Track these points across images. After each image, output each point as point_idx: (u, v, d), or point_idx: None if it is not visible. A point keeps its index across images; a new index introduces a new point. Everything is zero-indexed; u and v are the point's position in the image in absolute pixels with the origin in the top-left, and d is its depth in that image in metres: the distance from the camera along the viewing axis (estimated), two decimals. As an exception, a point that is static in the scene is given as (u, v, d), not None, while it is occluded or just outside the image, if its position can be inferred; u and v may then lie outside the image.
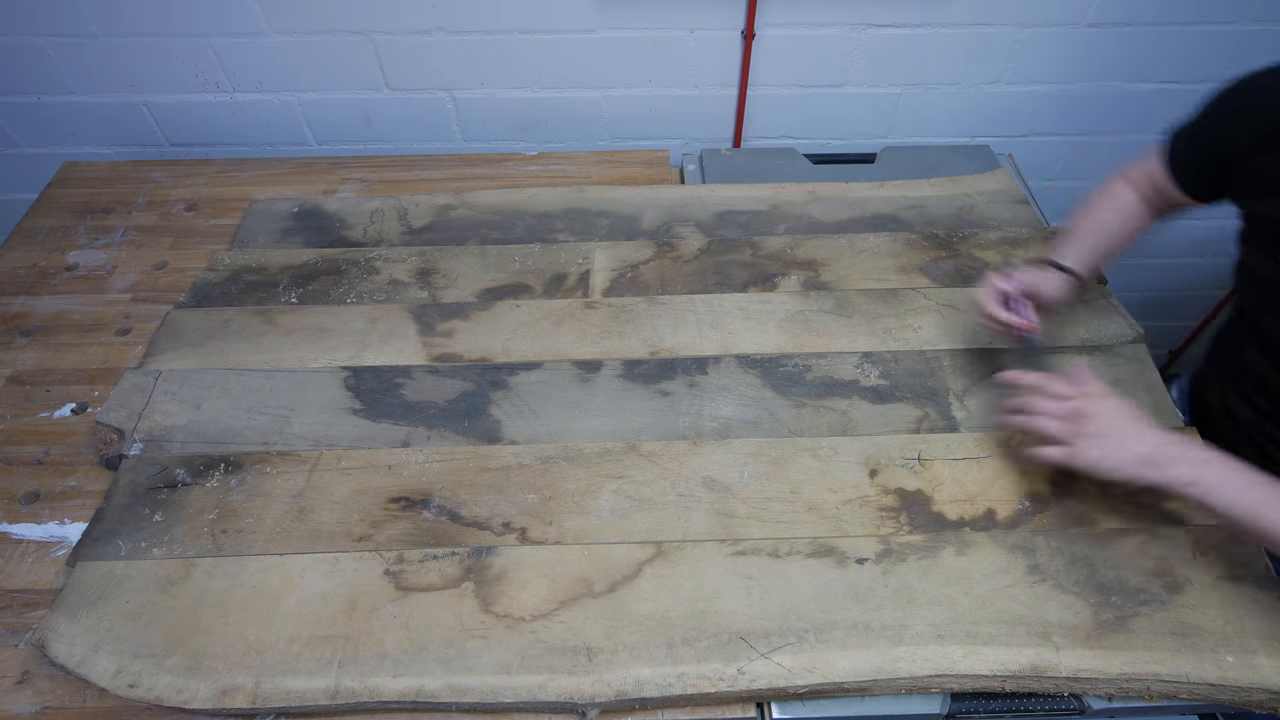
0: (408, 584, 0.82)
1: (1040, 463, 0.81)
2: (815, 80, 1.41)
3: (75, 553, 0.85)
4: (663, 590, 0.82)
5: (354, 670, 0.76)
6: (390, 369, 1.02)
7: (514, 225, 1.22)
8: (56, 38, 1.31)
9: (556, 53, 1.35)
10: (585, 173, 1.36)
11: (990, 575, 0.82)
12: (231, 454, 0.93)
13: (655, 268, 1.15)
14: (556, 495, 0.89)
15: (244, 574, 0.83)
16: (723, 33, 1.33)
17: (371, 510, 0.88)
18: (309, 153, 1.49)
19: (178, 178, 1.34)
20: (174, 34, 1.31)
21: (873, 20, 1.32)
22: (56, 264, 1.19)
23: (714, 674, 0.76)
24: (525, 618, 0.80)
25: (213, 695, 0.75)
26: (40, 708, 0.77)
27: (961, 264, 1.14)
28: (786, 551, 0.85)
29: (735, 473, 0.91)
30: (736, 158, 1.40)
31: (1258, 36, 1.35)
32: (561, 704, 0.75)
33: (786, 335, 1.06)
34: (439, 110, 1.43)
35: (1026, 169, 1.45)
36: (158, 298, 1.14)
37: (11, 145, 1.48)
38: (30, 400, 1.02)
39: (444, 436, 0.95)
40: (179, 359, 1.03)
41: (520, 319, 1.08)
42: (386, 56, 1.35)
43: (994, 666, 0.76)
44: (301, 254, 1.17)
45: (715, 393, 0.99)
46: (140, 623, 0.79)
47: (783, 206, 1.25)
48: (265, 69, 1.36)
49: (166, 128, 1.45)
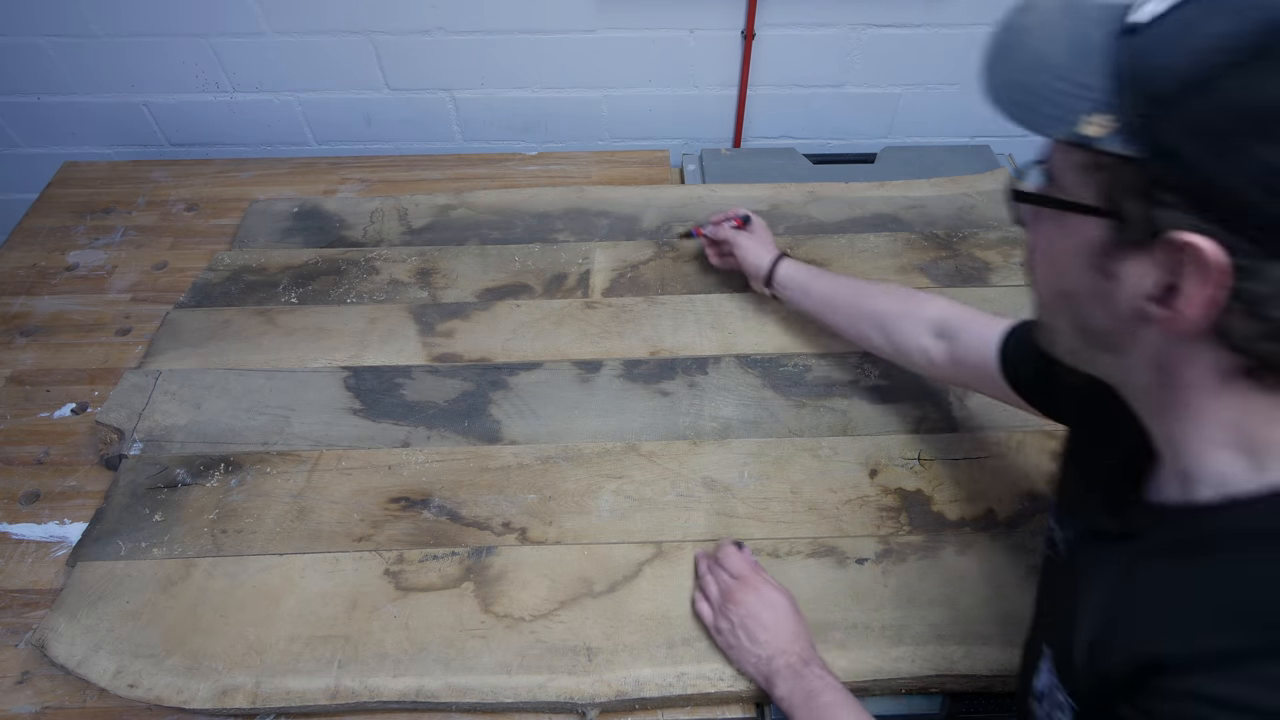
0: (408, 584, 0.82)
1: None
2: (815, 80, 1.41)
3: (75, 553, 0.85)
4: (663, 590, 0.82)
5: (354, 670, 0.76)
6: (390, 369, 1.02)
7: (514, 225, 1.22)
8: (56, 38, 1.32)
9: (556, 53, 1.35)
10: (585, 173, 1.36)
11: (990, 575, 0.82)
12: (231, 454, 0.93)
13: (655, 268, 1.15)
14: (556, 495, 0.89)
15: (244, 574, 0.83)
16: (723, 33, 1.33)
17: (371, 510, 0.88)
18: (309, 153, 1.49)
19: (178, 178, 1.34)
20: (174, 34, 1.31)
21: (873, 20, 1.32)
22: (56, 264, 1.19)
23: (714, 674, 0.76)
24: (525, 618, 0.80)
25: (213, 695, 0.75)
26: (40, 708, 0.77)
27: (961, 264, 1.15)
28: (786, 551, 0.85)
29: (735, 473, 0.91)
30: (736, 158, 1.40)
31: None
32: (561, 704, 0.75)
33: (786, 335, 1.06)
34: (439, 110, 1.43)
35: (1026, 169, 1.45)
36: (158, 298, 1.14)
37: (11, 145, 1.48)
38: (30, 400, 1.02)
39: (444, 436, 0.95)
40: (179, 359, 1.03)
41: (520, 319, 1.08)
42: (386, 56, 1.35)
43: (994, 666, 0.76)
44: (301, 254, 1.17)
45: (715, 393, 0.99)
46: (140, 623, 0.79)
47: (783, 206, 1.25)
48: (265, 69, 1.36)
49: (166, 128, 1.45)
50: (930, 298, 0.87)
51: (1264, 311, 0.37)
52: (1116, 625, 0.45)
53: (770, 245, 1.04)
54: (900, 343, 0.87)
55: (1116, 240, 0.41)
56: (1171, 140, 0.37)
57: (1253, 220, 0.35)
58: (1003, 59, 0.43)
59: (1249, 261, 0.36)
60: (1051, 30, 0.42)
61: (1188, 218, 0.37)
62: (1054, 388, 0.69)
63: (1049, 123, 0.40)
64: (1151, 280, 0.40)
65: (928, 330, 0.84)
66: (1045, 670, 0.52)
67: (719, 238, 1.07)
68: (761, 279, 1.01)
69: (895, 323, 0.87)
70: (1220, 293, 0.37)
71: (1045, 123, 0.41)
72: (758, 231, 1.06)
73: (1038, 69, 0.41)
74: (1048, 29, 0.42)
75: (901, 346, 0.87)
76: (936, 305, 0.85)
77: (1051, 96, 0.40)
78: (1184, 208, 0.37)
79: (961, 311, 0.83)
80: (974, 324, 0.80)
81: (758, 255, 1.01)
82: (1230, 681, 0.37)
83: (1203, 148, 0.36)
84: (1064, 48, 0.41)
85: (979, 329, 0.79)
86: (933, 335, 0.84)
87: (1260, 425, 0.41)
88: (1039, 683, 0.53)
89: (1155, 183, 0.38)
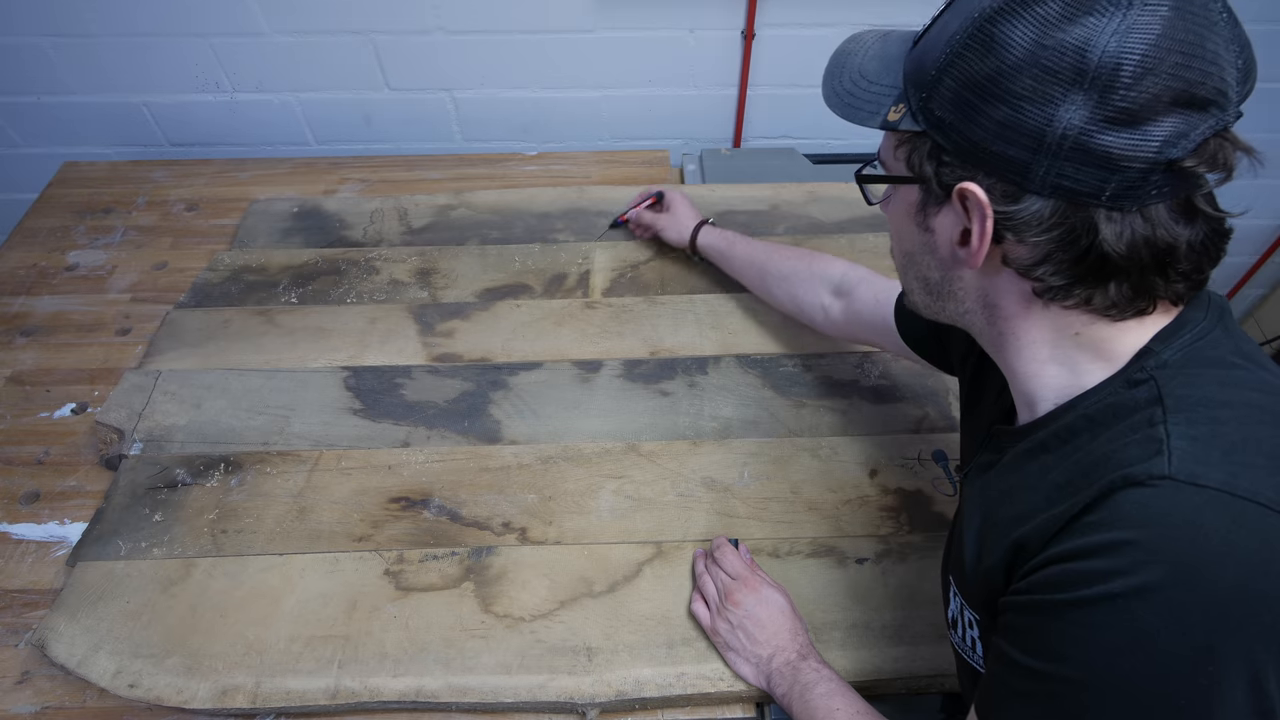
0: (408, 584, 0.82)
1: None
2: (816, 80, 1.39)
3: (75, 553, 0.85)
4: (663, 590, 0.82)
5: (354, 670, 0.76)
6: (390, 369, 1.02)
7: (514, 225, 1.22)
8: (56, 38, 1.31)
9: (556, 53, 1.35)
10: (585, 173, 1.36)
11: (990, 575, 0.82)
12: (231, 454, 0.93)
13: (655, 268, 1.15)
14: (556, 495, 0.89)
15: (244, 574, 0.83)
16: (722, 33, 1.33)
17: (371, 510, 0.88)
18: (309, 153, 1.49)
19: (178, 178, 1.34)
20: (174, 34, 1.31)
21: (873, 20, 1.32)
22: (56, 264, 1.19)
23: (714, 674, 0.76)
24: (525, 618, 0.80)
25: (213, 695, 0.75)
26: (40, 708, 0.77)
27: (961, 264, 1.14)
28: (786, 551, 0.85)
29: (735, 473, 0.91)
30: (736, 158, 1.40)
31: (1258, 36, 1.34)
32: (561, 704, 0.75)
33: (786, 335, 1.06)
34: (439, 110, 1.43)
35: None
36: (158, 298, 1.14)
37: (11, 145, 1.48)
38: (30, 400, 1.02)
39: (444, 436, 0.95)
40: (179, 359, 1.03)
41: (520, 319, 1.08)
42: (386, 56, 1.35)
43: (994, 666, 0.76)
44: (301, 254, 1.17)
45: (715, 393, 0.99)
46: (140, 623, 0.79)
47: (783, 206, 1.25)
48: (265, 69, 1.36)
49: (166, 128, 1.45)
50: (832, 259, 0.94)
51: (1027, 237, 0.45)
52: (987, 531, 0.53)
53: (689, 215, 1.11)
54: (802, 300, 0.94)
55: (927, 200, 0.51)
56: (938, 114, 0.47)
57: (998, 164, 0.45)
58: (834, 75, 0.56)
59: (1008, 196, 0.45)
60: (868, 52, 0.55)
61: (963, 171, 0.47)
62: (943, 345, 0.76)
63: (867, 117, 0.52)
64: (955, 227, 0.49)
65: (827, 288, 0.92)
66: (953, 597, 0.59)
67: (642, 222, 1.16)
68: (685, 248, 1.11)
69: (798, 282, 0.95)
70: (990, 224, 0.46)
71: (864, 117, 0.52)
72: (675, 205, 1.13)
73: (859, 79, 0.54)
74: (867, 51, 0.55)
75: (803, 304, 0.94)
76: (837, 265, 0.92)
77: (867, 97, 0.52)
78: (959, 165, 0.47)
79: (860, 271, 0.90)
80: (871, 282, 0.87)
81: (678, 229, 1.10)
82: (1071, 538, 0.44)
83: (956, 115, 0.46)
84: (876, 63, 0.53)
85: (876, 287, 0.86)
86: (831, 293, 0.91)
87: (1067, 339, 0.49)
88: (952, 610, 0.60)
89: (937, 148, 0.48)
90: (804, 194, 1.28)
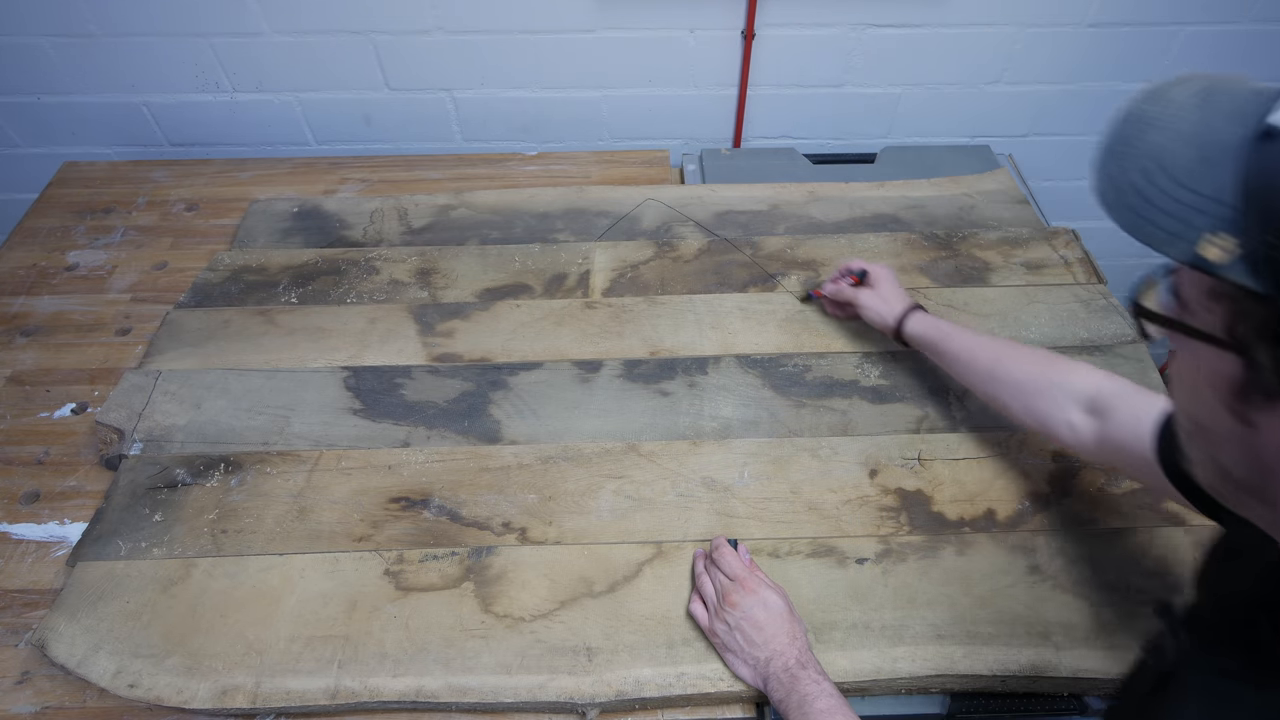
0: (408, 584, 0.82)
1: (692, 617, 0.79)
2: (815, 80, 1.41)
3: (75, 553, 0.85)
4: (663, 590, 0.82)
5: (354, 670, 0.76)
6: (390, 369, 1.02)
7: (514, 225, 1.22)
8: (56, 38, 1.31)
9: (556, 53, 1.35)
10: (585, 173, 1.36)
11: (990, 575, 0.82)
12: (231, 454, 0.93)
13: (655, 268, 1.15)
14: (556, 495, 0.89)
15: (244, 574, 0.83)
16: (723, 33, 1.33)
17: (371, 510, 0.88)
18: (309, 153, 1.49)
19: (178, 178, 1.34)
20: (174, 34, 1.31)
21: (873, 20, 1.32)
22: (56, 264, 1.19)
23: (714, 674, 0.76)
24: (525, 618, 0.80)
25: (213, 695, 0.75)
26: (40, 708, 0.77)
27: (961, 264, 1.14)
28: (786, 551, 0.85)
29: (735, 473, 0.91)
30: (736, 158, 1.40)
31: (1258, 36, 1.34)
32: (561, 704, 0.75)
33: (786, 335, 1.06)
34: (439, 110, 1.43)
35: (1026, 169, 1.45)
36: (158, 298, 1.14)
37: (11, 145, 1.48)
38: (30, 400, 1.02)
39: (444, 436, 0.95)
40: (179, 359, 1.03)
41: (520, 319, 1.08)
42: (386, 56, 1.35)
43: (994, 666, 0.76)
44: (301, 254, 1.17)
45: (715, 393, 0.99)
46: (140, 623, 0.79)
47: (783, 206, 1.25)
48: (265, 69, 1.36)
49: (166, 128, 1.45)
50: (1077, 365, 0.78)
51: None
52: None
53: (896, 296, 0.97)
54: (1042, 414, 0.78)
55: (1253, 385, 0.33)
56: None
57: None
58: (1118, 155, 0.36)
59: None
60: (1180, 125, 0.34)
61: None
62: None
63: (1164, 239, 0.34)
64: None
65: (1076, 404, 0.76)
66: None
67: (841, 299, 1.02)
68: (889, 334, 0.97)
69: (1037, 394, 0.79)
70: None
71: (1160, 238, 0.34)
72: (881, 283, 0.99)
73: (1157, 172, 0.34)
74: (1176, 123, 0.34)
75: (1043, 418, 0.78)
76: (1086, 376, 0.76)
77: (1169, 207, 0.33)
78: None
79: (1116, 385, 0.73)
80: (1130, 401, 0.71)
81: (880, 313, 0.96)
82: None
83: None
84: (1191, 147, 0.33)
85: (1135, 408, 0.70)
86: (1082, 410, 0.75)
87: None
88: None
89: None
90: (804, 194, 1.28)
